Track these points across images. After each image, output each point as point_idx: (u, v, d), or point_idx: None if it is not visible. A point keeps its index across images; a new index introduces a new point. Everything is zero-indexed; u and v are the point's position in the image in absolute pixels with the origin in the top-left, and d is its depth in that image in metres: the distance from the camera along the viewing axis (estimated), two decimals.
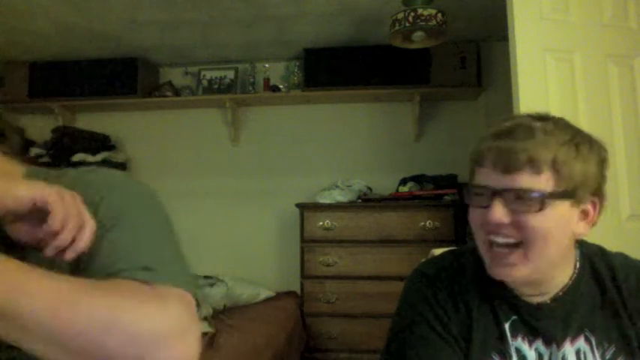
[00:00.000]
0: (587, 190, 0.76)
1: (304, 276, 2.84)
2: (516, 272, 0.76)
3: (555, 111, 1.63)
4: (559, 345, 0.79)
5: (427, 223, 2.74)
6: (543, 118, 0.79)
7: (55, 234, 0.53)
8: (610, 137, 1.67)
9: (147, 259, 0.59)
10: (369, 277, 2.77)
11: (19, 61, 3.28)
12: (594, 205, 0.78)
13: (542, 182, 0.73)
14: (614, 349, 0.79)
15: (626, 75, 1.73)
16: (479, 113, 3.25)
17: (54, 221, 0.52)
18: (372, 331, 2.70)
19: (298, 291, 2.93)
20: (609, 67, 1.72)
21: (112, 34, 2.91)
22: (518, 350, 0.80)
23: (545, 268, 0.77)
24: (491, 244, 0.77)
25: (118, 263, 0.57)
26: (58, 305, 0.47)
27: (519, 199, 0.73)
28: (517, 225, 0.74)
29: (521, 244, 0.75)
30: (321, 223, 2.83)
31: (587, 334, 0.80)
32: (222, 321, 2.38)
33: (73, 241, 0.54)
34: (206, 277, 2.80)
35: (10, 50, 3.14)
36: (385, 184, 3.12)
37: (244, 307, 2.79)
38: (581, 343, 0.79)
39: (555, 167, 0.73)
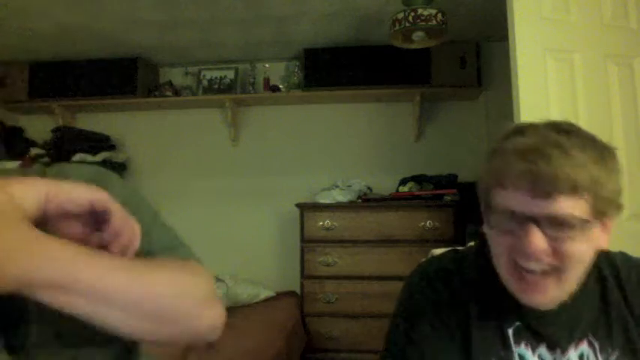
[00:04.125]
0: (615, 205, 0.73)
1: (304, 276, 2.84)
2: (549, 298, 0.73)
3: (555, 111, 1.63)
4: (564, 351, 0.77)
5: (427, 223, 2.74)
6: (565, 130, 0.73)
7: (117, 235, 0.56)
8: (610, 137, 1.66)
9: (168, 241, 0.70)
10: (369, 277, 2.77)
11: (19, 61, 3.28)
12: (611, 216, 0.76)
13: (582, 206, 0.69)
14: (617, 353, 0.77)
15: (626, 75, 1.73)
16: (479, 113, 3.25)
17: (116, 224, 0.56)
18: (372, 331, 2.70)
19: (298, 291, 2.93)
20: (609, 67, 1.72)
21: (112, 34, 2.91)
22: (521, 357, 0.78)
23: (573, 288, 0.75)
24: (519, 269, 0.73)
25: (148, 246, 0.65)
26: (138, 277, 0.55)
27: (558, 225, 0.69)
28: (555, 251, 0.70)
29: (556, 269, 0.71)
30: (321, 223, 2.83)
31: (590, 338, 0.78)
32: None
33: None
34: None
35: (10, 50, 3.14)
36: (385, 184, 3.12)
37: (244, 307, 2.79)
38: (584, 347, 0.78)
39: (594, 189, 0.69)
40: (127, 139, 3.46)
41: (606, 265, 0.83)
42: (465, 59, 3.03)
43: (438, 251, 0.98)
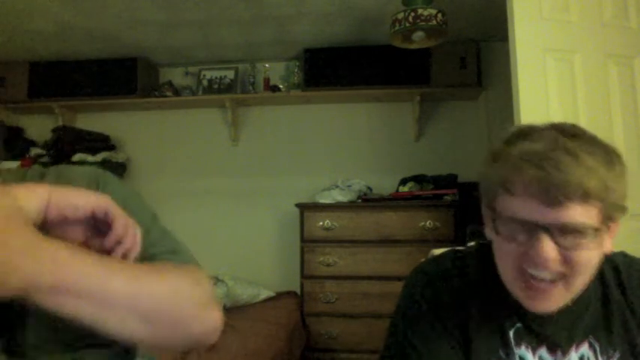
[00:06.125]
0: (621, 209, 0.71)
1: (304, 276, 2.84)
2: (555, 304, 0.72)
3: (555, 111, 1.63)
4: (564, 352, 0.77)
5: (427, 223, 2.74)
6: (571, 133, 0.71)
7: (119, 241, 0.57)
8: (610, 137, 1.66)
9: (169, 244, 0.70)
10: (369, 277, 2.77)
11: (19, 61, 3.28)
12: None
13: (592, 212, 0.67)
14: (618, 354, 0.76)
15: (626, 75, 1.73)
16: (479, 113, 3.25)
17: (118, 230, 0.56)
18: (372, 331, 2.70)
19: (298, 291, 2.93)
20: (609, 67, 1.72)
21: (112, 34, 2.91)
22: (522, 359, 0.77)
23: (578, 293, 0.74)
24: (526, 276, 0.71)
25: (150, 249, 0.65)
26: (138, 281, 0.55)
27: (569, 233, 0.67)
28: (565, 260, 0.68)
29: (564, 276, 0.70)
30: (321, 223, 2.83)
31: (591, 340, 0.77)
32: None
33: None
34: None
35: (10, 50, 3.14)
36: (385, 184, 3.12)
37: (244, 307, 2.79)
38: (584, 349, 0.77)
39: (604, 195, 0.67)
40: (127, 139, 3.46)
41: (608, 268, 0.82)
42: (465, 59, 3.03)
43: (438, 251, 0.98)
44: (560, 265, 0.69)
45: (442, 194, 2.83)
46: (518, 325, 0.79)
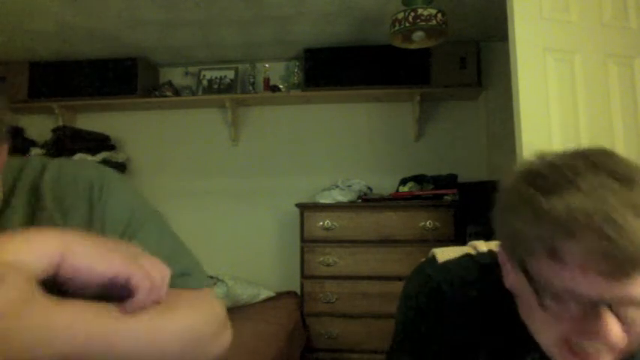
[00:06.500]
0: None
1: (304, 276, 2.84)
2: None
3: (555, 111, 1.63)
4: None
5: (427, 223, 2.74)
6: (620, 174, 0.57)
7: (140, 309, 0.53)
8: (610, 137, 1.67)
9: (179, 264, 0.66)
10: (369, 277, 2.77)
11: (19, 61, 3.28)
12: None
13: None
14: None
15: (626, 75, 1.73)
16: (479, 113, 3.26)
17: (140, 299, 0.51)
18: (372, 331, 2.70)
19: (298, 291, 2.93)
20: (609, 67, 1.72)
21: (112, 34, 2.91)
22: None
23: None
24: (573, 346, 0.60)
25: None
26: (153, 331, 0.53)
27: (634, 306, 0.56)
28: (626, 333, 0.58)
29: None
30: (321, 223, 2.83)
31: None
32: None
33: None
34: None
35: (10, 50, 3.14)
36: (385, 184, 3.12)
37: (244, 307, 2.79)
38: None
39: None
40: (127, 139, 3.46)
41: None
42: (465, 59, 3.03)
43: (438, 250, 0.95)
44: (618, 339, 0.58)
45: (442, 194, 2.83)
46: (535, 355, 0.71)
